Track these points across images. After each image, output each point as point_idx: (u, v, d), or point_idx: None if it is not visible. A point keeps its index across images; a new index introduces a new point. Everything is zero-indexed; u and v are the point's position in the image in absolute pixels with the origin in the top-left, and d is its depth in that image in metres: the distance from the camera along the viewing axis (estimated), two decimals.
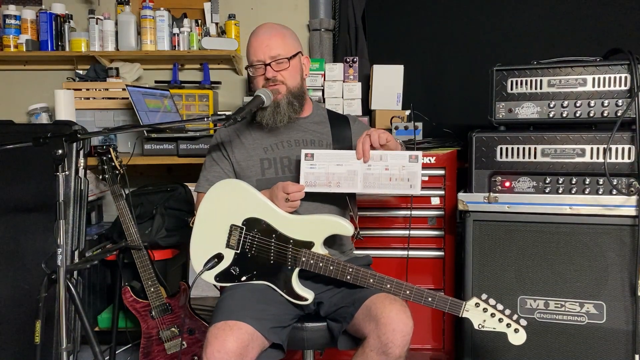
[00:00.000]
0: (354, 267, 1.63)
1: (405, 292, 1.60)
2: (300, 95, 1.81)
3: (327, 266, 1.64)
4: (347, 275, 1.63)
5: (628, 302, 1.86)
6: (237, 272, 1.70)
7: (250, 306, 1.59)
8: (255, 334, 1.52)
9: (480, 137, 2.00)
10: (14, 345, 2.23)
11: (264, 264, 1.69)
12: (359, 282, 1.62)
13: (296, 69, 1.81)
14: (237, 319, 1.52)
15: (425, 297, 1.59)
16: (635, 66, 1.85)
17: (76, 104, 2.71)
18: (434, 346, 2.39)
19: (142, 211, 2.50)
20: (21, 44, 2.88)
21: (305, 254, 1.65)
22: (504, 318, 1.56)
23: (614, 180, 1.88)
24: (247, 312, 1.55)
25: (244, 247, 1.70)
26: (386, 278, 1.62)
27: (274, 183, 1.73)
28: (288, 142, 1.83)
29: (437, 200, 2.36)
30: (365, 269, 1.63)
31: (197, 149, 2.53)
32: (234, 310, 1.56)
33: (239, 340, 1.47)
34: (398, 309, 1.52)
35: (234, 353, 1.45)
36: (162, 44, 2.89)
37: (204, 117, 1.71)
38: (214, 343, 1.47)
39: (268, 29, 1.79)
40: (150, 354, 2.32)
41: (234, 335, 1.47)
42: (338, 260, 1.64)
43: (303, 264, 1.65)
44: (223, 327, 1.50)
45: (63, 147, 1.54)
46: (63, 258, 1.61)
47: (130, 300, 2.32)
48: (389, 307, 1.52)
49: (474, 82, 2.61)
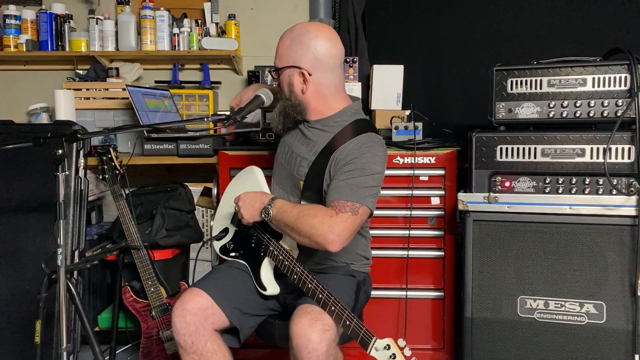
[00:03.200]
0: (300, 269, 1.60)
1: (331, 307, 1.51)
2: (297, 106, 1.75)
3: (284, 261, 1.67)
4: (293, 275, 1.63)
5: (628, 302, 1.87)
6: (230, 248, 1.86)
7: (219, 282, 1.72)
8: (214, 305, 1.65)
9: (480, 137, 2.00)
10: (14, 345, 2.23)
11: (247, 246, 1.81)
12: (300, 285, 1.60)
13: (284, 82, 1.75)
14: (202, 288, 1.68)
15: (346, 319, 1.48)
16: (635, 66, 1.85)
17: (76, 104, 2.71)
18: (434, 346, 2.39)
19: (142, 211, 2.50)
20: (21, 44, 2.88)
21: (273, 244, 1.71)
22: None
23: (614, 180, 1.88)
24: (213, 287, 1.69)
25: (240, 227, 1.84)
26: (321, 289, 1.54)
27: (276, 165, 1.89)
28: (297, 135, 1.84)
29: (437, 200, 2.36)
30: (308, 275, 1.58)
31: (197, 149, 2.53)
32: (203, 282, 1.72)
33: (199, 303, 1.64)
34: (307, 323, 1.50)
35: (190, 312, 1.62)
36: (162, 44, 2.89)
37: (204, 117, 1.72)
38: (177, 304, 1.66)
39: (285, 33, 1.77)
40: (150, 354, 2.32)
41: (194, 299, 1.64)
42: (293, 258, 1.66)
43: (270, 253, 1.71)
44: (188, 292, 1.69)
45: (63, 147, 1.54)
46: (63, 258, 1.61)
47: (130, 300, 2.32)
48: (298, 320, 1.52)
49: (474, 82, 2.61)
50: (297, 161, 1.79)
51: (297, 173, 1.78)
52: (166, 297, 2.33)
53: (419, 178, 2.35)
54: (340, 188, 1.61)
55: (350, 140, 1.69)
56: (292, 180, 1.81)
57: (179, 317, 1.63)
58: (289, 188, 1.83)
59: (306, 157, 1.77)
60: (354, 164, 1.64)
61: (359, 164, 1.63)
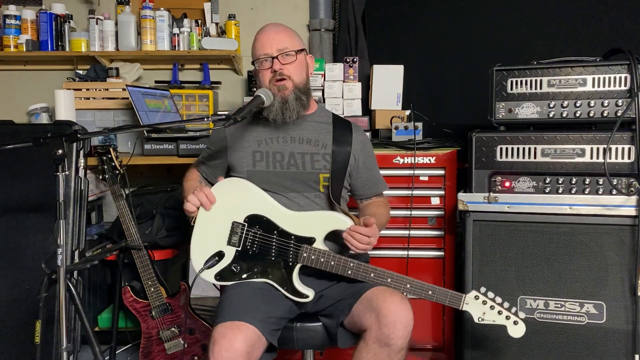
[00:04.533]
0: (355, 262, 1.65)
1: (406, 285, 1.63)
2: (307, 91, 1.83)
3: (329, 261, 1.66)
4: (348, 270, 1.65)
5: (628, 302, 1.87)
6: (237, 270, 1.70)
7: (256, 307, 1.59)
8: (260, 336, 1.52)
9: (480, 137, 2.00)
10: (14, 345, 2.23)
11: (265, 261, 1.70)
12: (360, 276, 1.65)
13: (302, 64, 1.81)
14: (245, 319, 1.51)
15: (425, 290, 1.62)
16: (635, 66, 1.85)
17: (76, 104, 2.71)
18: (434, 344, 2.39)
19: (142, 211, 2.50)
20: (21, 44, 2.88)
21: (307, 249, 1.67)
22: (503, 311, 1.58)
23: (614, 180, 1.88)
24: (254, 314, 1.55)
25: (246, 244, 1.71)
26: (387, 272, 1.64)
27: (263, 176, 1.79)
28: (284, 138, 1.82)
29: (437, 200, 2.36)
30: (365, 264, 1.66)
31: (197, 149, 2.53)
32: (240, 311, 1.55)
33: (247, 340, 1.47)
34: (398, 300, 1.55)
35: (242, 352, 1.45)
36: (162, 44, 2.89)
37: (204, 117, 1.71)
38: (221, 342, 1.46)
39: (275, 26, 1.82)
40: (150, 354, 2.32)
41: (242, 335, 1.47)
42: (339, 256, 1.66)
43: (305, 259, 1.66)
44: (231, 326, 1.49)
45: (63, 147, 1.54)
46: (63, 258, 1.61)
47: (130, 300, 2.32)
48: (389, 298, 1.55)
49: (474, 82, 2.61)
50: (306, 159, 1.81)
51: (314, 168, 1.81)
52: (166, 297, 2.33)
53: (419, 178, 2.35)
54: (376, 178, 1.94)
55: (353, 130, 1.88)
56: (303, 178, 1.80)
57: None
58: (299, 187, 1.80)
59: (318, 152, 1.82)
60: (370, 155, 1.93)
61: (372, 154, 1.94)
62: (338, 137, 1.85)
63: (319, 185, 1.81)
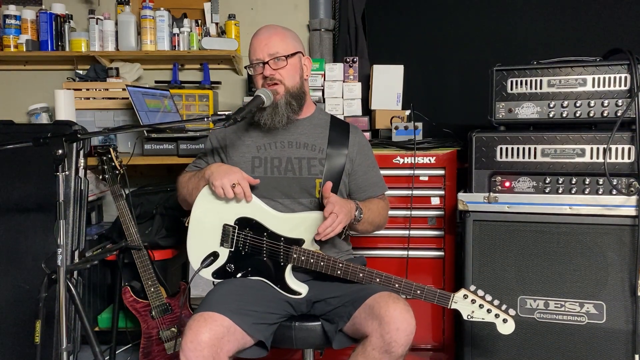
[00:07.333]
0: (343, 262, 1.67)
1: (394, 285, 1.64)
2: (300, 95, 1.80)
3: (318, 262, 1.67)
4: (337, 270, 1.66)
5: (628, 302, 1.87)
6: (232, 270, 1.74)
7: (231, 300, 1.60)
8: (233, 327, 1.53)
9: (480, 137, 2.00)
10: (14, 345, 2.23)
11: (257, 261, 1.73)
12: (349, 276, 1.66)
13: (295, 68, 1.79)
14: (215, 311, 1.53)
15: (414, 289, 1.63)
16: (635, 66, 1.85)
17: (76, 104, 2.71)
18: (434, 345, 2.39)
19: (142, 211, 2.50)
20: (21, 44, 2.88)
21: (297, 251, 1.68)
22: (492, 309, 1.60)
23: (614, 180, 1.88)
24: (227, 306, 1.56)
25: (238, 246, 1.74)
26: (375, 272, 1.65)
27: (261, 181, 1.77)
28: (282, 143, 1.82)
29: (437, 200, 2.36)
30: (354, 265, 1.66)
31: (197, 149, 2.53)
32: (213, 303, 1.58)
33: (212, 331, 1.48)
34: (402, 308, 1.53)
35: (206, 344, 1.46)
36: (162, 44, 2.89)
37: (204, 117, 1.72)
38: (188, 334, 1.49)
39: (269, 29, 1.81)
40: (150, 354, 2.32)
41: (207, 327, 1.49)
42: (328, 256, 1.67)
43: (295, 260, 1.69)
44: (199, 318, 1.51)
45: (63, 147, 1.54)
46: (63, 258, 1.61)
47: (130, 300, 2.32)
48: (392, 306, 1.53)
49: (474, 82, 2.61)
50: (302, 163, 1.80)
51: (310, 173, 1.80)
52: (166, 297, 2.33)
53: (419, 178, 2.35)
54: (373, 180, 1.90)
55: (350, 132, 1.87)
56: (299, 184, 1.79)
57: (193, 352, 1.46)
58: (294, 193, 1.79)
59: (315, 156, 1.81)
60: (368, 157, 1.90)
61: (371, 156, 1.92)
62: (334, 140, 1.84)
63: (315, 190, 1.80)
